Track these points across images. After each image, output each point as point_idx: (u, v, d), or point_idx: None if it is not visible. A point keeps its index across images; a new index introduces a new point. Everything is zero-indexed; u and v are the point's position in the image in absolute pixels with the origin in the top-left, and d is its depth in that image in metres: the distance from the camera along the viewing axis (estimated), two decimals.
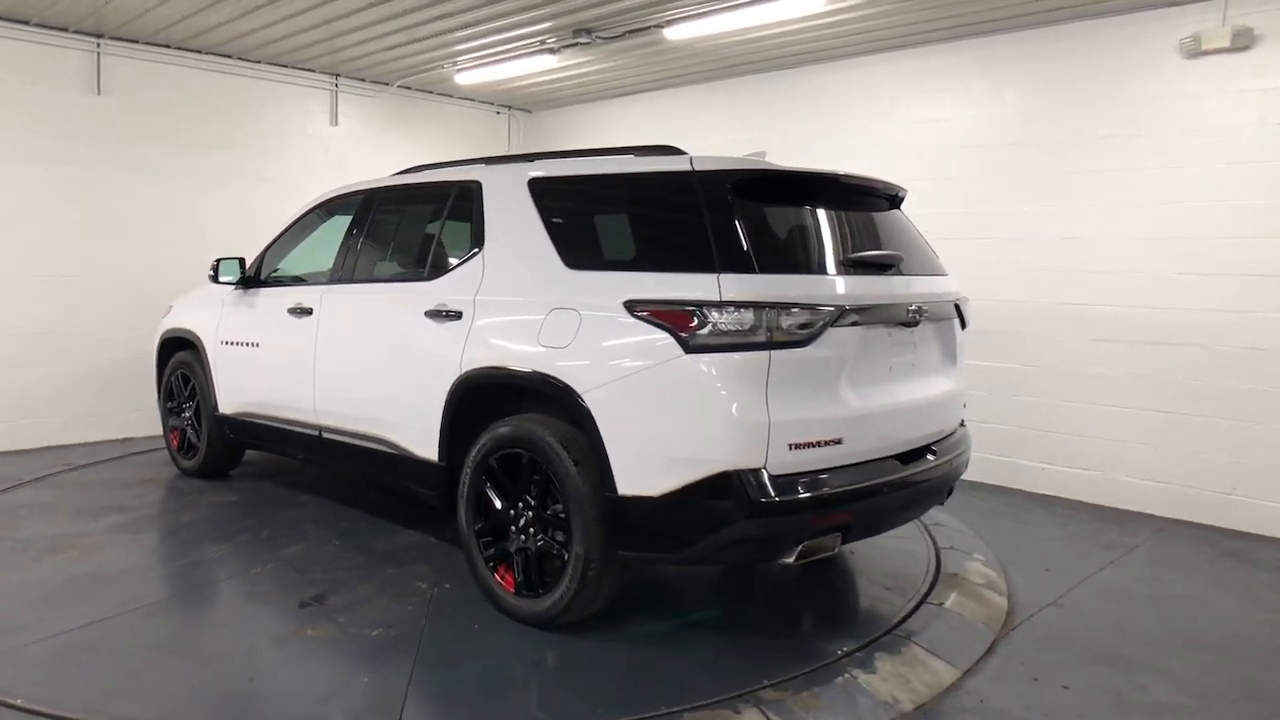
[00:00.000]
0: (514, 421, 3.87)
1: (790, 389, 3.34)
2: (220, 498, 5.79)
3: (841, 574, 4.77)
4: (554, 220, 3.96)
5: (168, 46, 7.57)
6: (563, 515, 3.68)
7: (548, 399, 3.73)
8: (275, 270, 5.63)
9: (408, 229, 4.78)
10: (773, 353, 3.29)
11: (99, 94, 7.27)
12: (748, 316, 3.27)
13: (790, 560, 3.41)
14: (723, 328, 3.27)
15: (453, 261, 4.33)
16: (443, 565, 4.57)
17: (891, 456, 3.72)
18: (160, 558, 4.66)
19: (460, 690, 3.33)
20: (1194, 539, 5.55)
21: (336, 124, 8.76)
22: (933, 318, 4.04)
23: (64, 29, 7.02)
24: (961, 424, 4.53)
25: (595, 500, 3.55)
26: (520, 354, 3.82)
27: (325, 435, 4.97)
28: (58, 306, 7.12)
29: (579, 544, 3.60)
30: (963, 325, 4.36)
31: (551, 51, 7.45)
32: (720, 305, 3.28)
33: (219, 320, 5.81)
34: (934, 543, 5.19)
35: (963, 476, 4.27)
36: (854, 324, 3.51)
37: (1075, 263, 6.39)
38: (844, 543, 3.61)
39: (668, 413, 3.40)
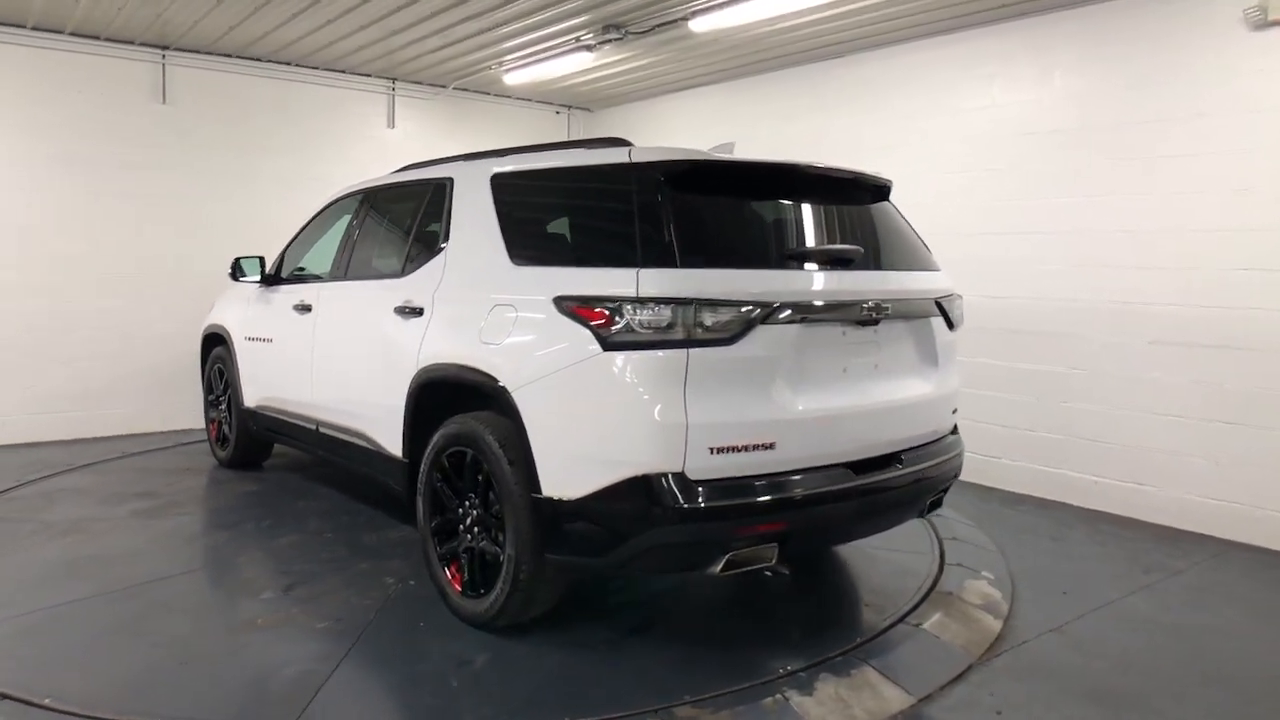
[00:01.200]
0: (461, 419, 3.84)
1: (712, 390, 3.17)
2: (244, 488, 6.02)
3: (826, 584, 4.52)
4: (506, 216, 3.92)
5: (228, 55, 7.96)
6: (500, 516, 3.62)
7: (488, 397, 3.68)
8: (296, 268, 5.81)
9: (390, 227, 4.83)
10: (690, 351, 3.13)
11: (164, 102, 7.71)
12: (665, 313, 3.12)
13: (717, 570, 3.24)
14: (640, 325, 3.14)
15: (422, 258, 4.34)
16: (418, 562, 4.58)
17: (842, 464, 3.48)
18: (162, 543, 4.86)
19: (376, 685, 3.32)
20: (1252, 565, 5.00)
21: (394, 126, 8.99)
22: (903, 316, 3.77)
23: (131, 42, 7.48)
24: (954, 431, 4.22)
25: (525, 501, 3.47)
26: (464, 351, 3.80)
27: (321, 429, 5.09)
28: (124, 303, 7.59)
29: (511, 545, 3.53)
30: (950, 325, 4.05)
31: (588, 49, 7.41)
32: (637, 301, 3.15)
33: (244, 317, 6.04)
34: (941, 557, 4.86)
35: (1004, 489, 3.98)
36: (792, 321, 3.31)
37: (1131, 257, 5.87)
38: (784, 555, 3.40)
39: (587, 413, 3.30)
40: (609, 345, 3.19)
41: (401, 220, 4.65)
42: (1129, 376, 5.91)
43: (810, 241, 3.68)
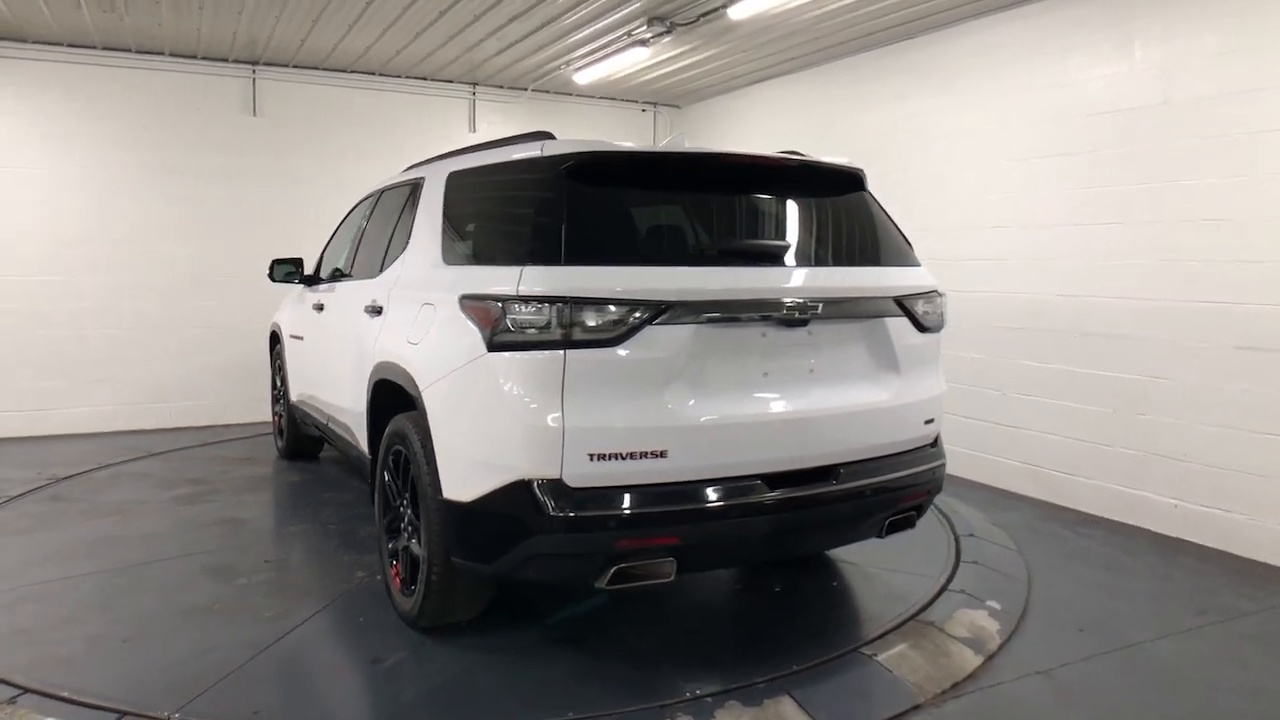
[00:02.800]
0: (398, 419, 3.84)
1: (594, 394, 3.00)
2: (289, 478, 6.33)
3: (799, 601, 4.18)
4: (447, 215, 3.89)
5: (315, 68, 8.41)
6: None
7: (412, 396, 3.66)
8: (333, 269, 6.03)
9: (382, 227, 4.91)
10: (568, 352, 2.97)
11: (255, 115, 8.25)
12: (543, 312, 2.98)
13: (603, 584, 3.06)
14: (520, 324, 3.01)
15: (392, 257, 4.39)
16: None
17: (755, 476, 3.20)
18: (183, 527, 5.16)
19: (278, 676, 3.37)
20: None
21: (475, 130, 9.20)
22: (847, 316, 3.43)
23: (224, 59, 8.05)
24: (934, 443, 3.81)
25: (435, 503, 3.42)
26: (396, 350, 3.80)
27: (330, 424, 5.26)
28: (216, 303, 8.18)
29: (424, 546, 3.50)
30: (921, 327, 3.65)
31: (642, 43, 7.29)
32: (517, 300, 3.02)
33: (290, 316, 6.35)
34: (947, 582, 4.41)
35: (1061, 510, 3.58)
36: (687, 322, 3.07)
37: (1221, 250, 5.10)
38: (683, 571, 3.16)
39: (475, 414, 3.20)
40: (492, 346, 3.09)
41: (389, 220, 4.73)
42: (1215, 386, 5.15)
43: (722, 236, 3.42)
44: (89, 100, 7.66)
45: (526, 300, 2.99)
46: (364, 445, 4.41)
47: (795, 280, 3.31)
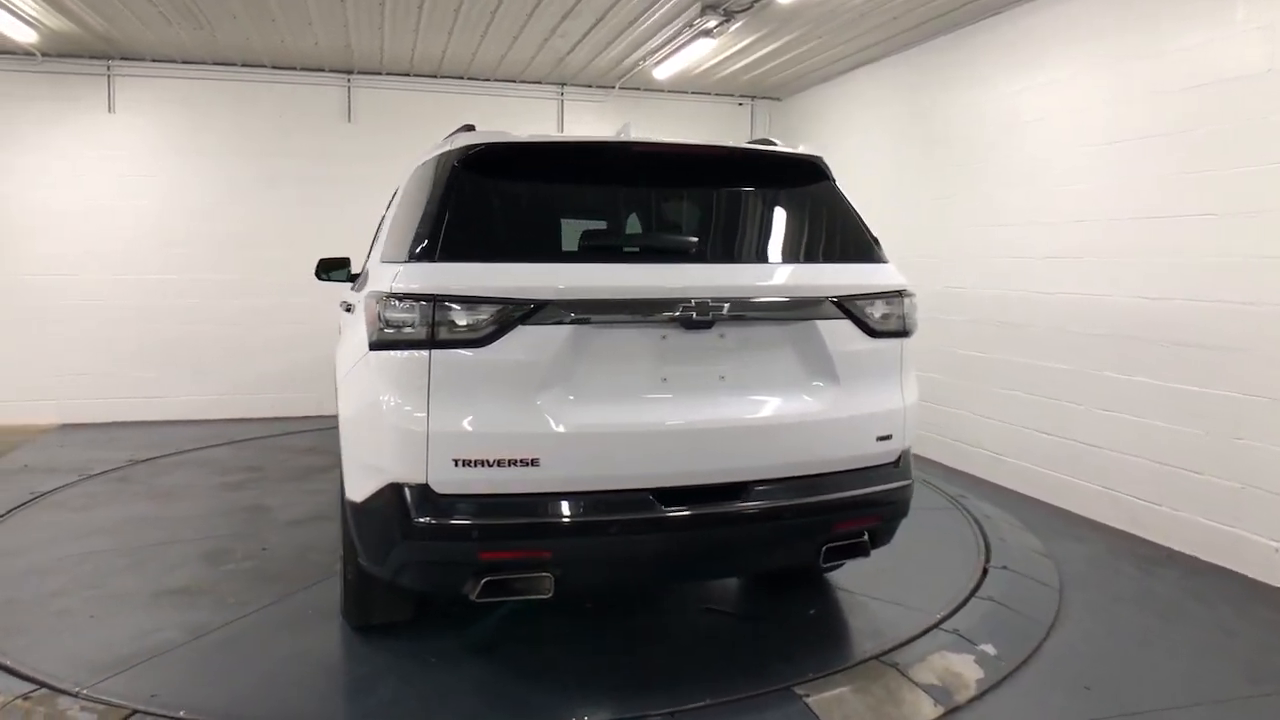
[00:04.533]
0: None
1: (461, 396, 2.84)
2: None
3: (768, 627, 3.85)
4: (396, 212, 3.87)
5: (406, 75, 8.70)
6: None
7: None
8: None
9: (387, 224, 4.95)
10: (434, 353, 2.84)
11: (350, 121, 8.64)
12: (412, 310, 2.86)
13: (474, 595, 2.89)
14: (392, 323, 2.91)
15: (370, 257, 4.41)
16: None
17: (645, 490, 2.94)
18: (214, 511, 5.42)
19: (201, 660, 3.45)
20: None
21: (563, 130, 9.23)
22: (766, 319, 3.09)
23: (320, 69, 8.48)
24: (896, 462, 3.38)
25: (343, 501, 3.38)
26: (336, 349, 3.80)
27: None
28: (310, 300, 8.55)
29: (343, 545, 3.47)
30: (870, 331, 3.23)
31: (706, 34, 7.02)
32: (391, 297, 2.92)
33: (342, 316, 6.56)
34: (943, 618, 3.92)
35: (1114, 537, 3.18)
36: (563, 321, 2.86)
37: None
38: (565, 589, 2.94)
39: (361, 414, 3.12)
40: (372, 345, 3.00)
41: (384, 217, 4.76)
42: None
43: (622, 231, 3.15)
44: (200, 112, 8.29)
45: (400, 298, 2.89)
46: None
47: (697, 278, 3.00)
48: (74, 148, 8.04)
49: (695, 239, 3.08)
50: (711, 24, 6.81)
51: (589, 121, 9.28)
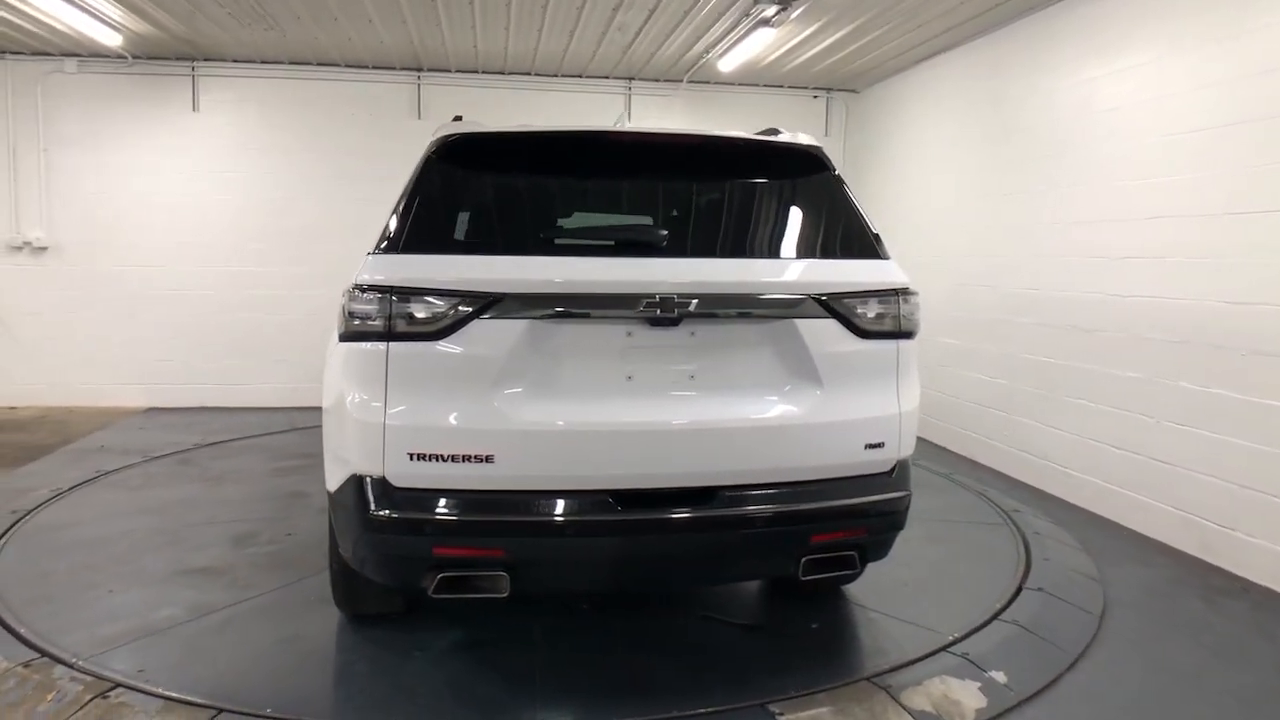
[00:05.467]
0: None
1: (417, 389, 2.81)
2: None
3: (765, 638, 3.67)
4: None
5: (475, 72, 8.81)
6: None
7: None
8: None
9: None
10: (391, 345, 2.81)
11: (420, 118, 8.80)
12: (372, 302, 2.85)
13: (430, 591, 2.86)
14: (356, 314, 2.90)
15: None
16: None
17: (603, 492, 2.83)
18: (256, 496, 5.57)
19: (197, 639, 3.54)
20: None
21: (630, 123, 9.16)
22: (741, 316, 2.93)
23: (391, 67, 8.67)
24: (891, 471, 3.16)
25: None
26: None
27: None
28: None
29: (329, 535, 3.50)
30: (860, 332, 3.03)
31: (765, 23, 6.83)
32: (356, 289, 2.92)
33: None
34: (955, 640, 3.66)
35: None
36: (520, 316, 2.78)
37: None
38: (521, 590, 2.86)
39: (331, 406, 3.13)
40: (341, 336, 3.00)
41: None
42: None
43: (588, 223, 3.04)
44: (277, 110, 8.61)
45: (363, 289, 2.88)
46: None
47: (663, 272, 2.86)
48: (161, 146, 8.47)
49: (665, 231, 2.95)
50: (769, 12, 6.61)
51: (655, 116, 9.19)
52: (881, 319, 3.06)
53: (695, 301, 2.83)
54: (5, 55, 8.13)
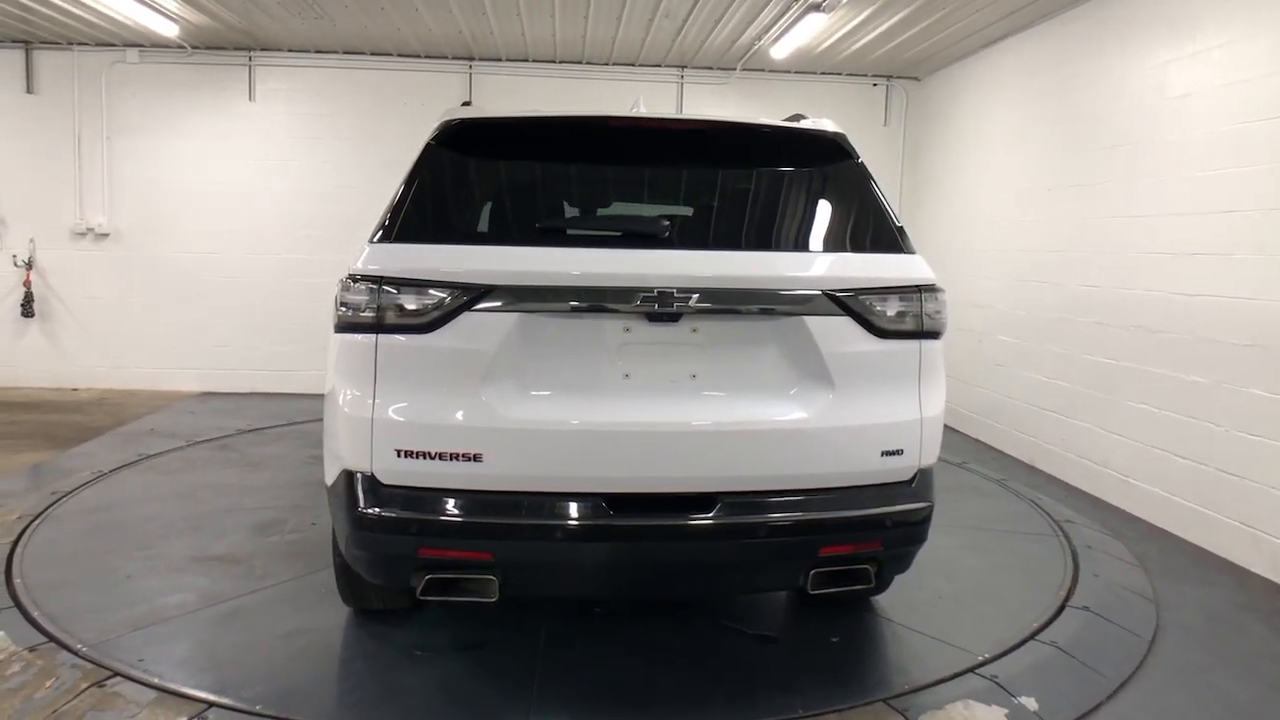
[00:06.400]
0: None
1: (406, 384, 2.72)
2: None
3: (782, 651, 3.50)
4: None
5: (525, 60, 8.73)
6: None
7: None
8: None
9: None
10: (379, 337, 2.72)
11: (471, 107, 8.75)
12: (363, 293, 2.76)
13: (418, 592, 2.76)
14: (347, 304, 2.82)
15: None
16: None
17: (600, 496, 2.69)
18: (284, 483, 5.57)
19: (202, 628, 3.53)
20: None
21: (681, 113, 8.98)
22: (746, 312, 2.76)
23: (443, 56, 8.65)
24: (910, 480, 2.95)
25: None
26: None
27: None
28: None
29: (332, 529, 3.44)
30: (878, 331, 2.83)
31: (815, 8, 6.59)
32: (349, 279, 2.83)
33: None
34: (984, 661, 3.43)
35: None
36: (510, 309, 2.66)
37: None
38: (510, 594, 2.75)
39: (327, 398, 3.06)
40: (336, 327, 2.93)
41: None
42: None
43: (588, 212, 2.89)
44: (330, 99, 8.68)
45: (356, 280, 2.79)
46: None
47: (661, 265, 2.70)
48: (218, 134, 8.62)
49: (666, 222, 2.79)
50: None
51: (708, 105, 8.99)
52: (902, 318, 2.85)
53: (695, 296, 2.67)
54: (72, 46, 8.36)
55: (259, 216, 8.72)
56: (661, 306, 2.65)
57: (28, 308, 8.51)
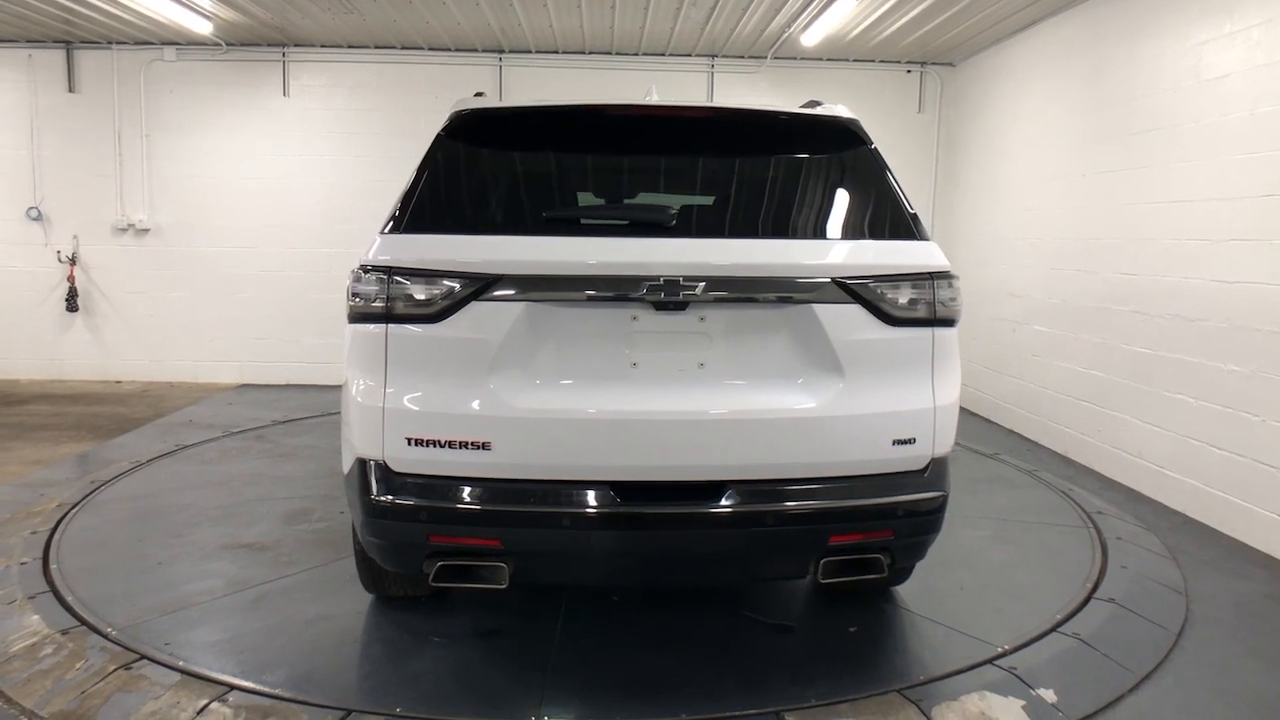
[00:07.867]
0: None
1: (414, 372, 2.75)
2: None
3: (799, 639, 3.50)
4: None
5: (555, 52, 8.75)
6: None
7: None
8: None
9: None
10: (389, 327, 2.76)
11: (501, 99, 8.79)
12: (373, 283, 2.80)
13: (430, 579, 2.80)
14: (358, 294, 2.86)
15: None
16: None
17: (603, 484, 2.70)
18: (315, 473, 5.63)
19: (225, 614, 3.61)
20: None
21: (711, 101, 8.93)
22: (755, 300, 2.74)
23: (474, 49, 8.70)
24: (924, 469, 2.92)
25: None
26: None
27: None
28: None
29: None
30: (890, 319, 2.80)
31: None
32: (360, 269, 2.87)
33: None
34: (1002, 653, 3.39)
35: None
36: (516, 298, 2.68)
37: None
38: (522, 581, 2.77)
39: (343, 388, 3.10)
40: (349, 317, 2.96)
41: None
42: None
43: (593, 201, 2.89)
44: (363, 94, 8.77)
45: (367, 270, 2.83)
46: None
47: (668, 253, 2.70)
48: (253, 130, 8.77)
49: (674, 210, 2.78)
50: None
51: (739, 94, 8.93)
52: (914, 305, 2.82)
53: (702, 285, 2.67)
54: (111, 45, 8.55)
55: (295, 211, 8.86)
56: (669, 295, 2.65)
57: (72, 302, 8.75)
